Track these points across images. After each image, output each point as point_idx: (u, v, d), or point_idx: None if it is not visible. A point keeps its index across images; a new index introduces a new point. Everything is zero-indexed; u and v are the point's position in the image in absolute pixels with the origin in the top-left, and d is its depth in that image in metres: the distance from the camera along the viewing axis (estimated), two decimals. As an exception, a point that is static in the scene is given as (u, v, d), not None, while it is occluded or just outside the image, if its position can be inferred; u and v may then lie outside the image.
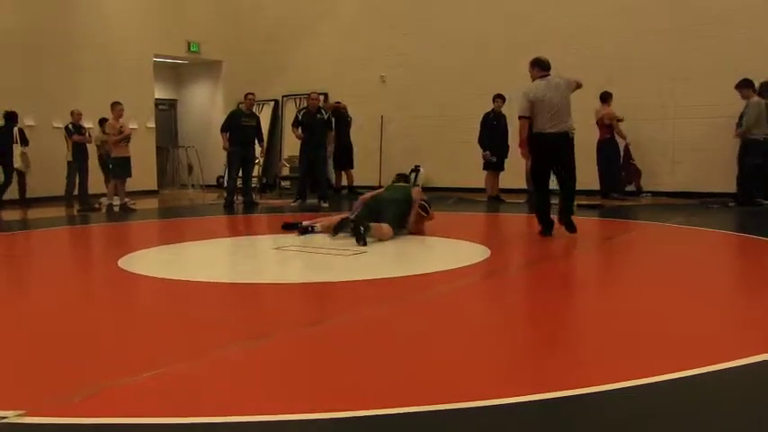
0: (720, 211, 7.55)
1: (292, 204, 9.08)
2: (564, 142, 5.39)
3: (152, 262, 4.54)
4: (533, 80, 5.49)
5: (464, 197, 9.99)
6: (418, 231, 5.77)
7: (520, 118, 5.43)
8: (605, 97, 9.21)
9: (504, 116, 9.52)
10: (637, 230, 5.99)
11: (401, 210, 5.71)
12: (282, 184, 12.67)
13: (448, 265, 4.18)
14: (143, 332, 2.70)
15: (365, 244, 5.08)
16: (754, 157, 8.16)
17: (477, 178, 10.11)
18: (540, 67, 5.49)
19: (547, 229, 5.46)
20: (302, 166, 9.29)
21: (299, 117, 9.06)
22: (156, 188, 12.28)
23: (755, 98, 8.26)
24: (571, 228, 5.43)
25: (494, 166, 9.49)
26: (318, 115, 9.10)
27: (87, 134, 9.39)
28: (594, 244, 5.25)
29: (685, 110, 9.25)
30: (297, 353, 2.36)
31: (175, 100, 14.40)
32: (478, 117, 9.66)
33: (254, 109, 9.81)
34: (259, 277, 3.94)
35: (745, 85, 8.33)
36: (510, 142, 9.44)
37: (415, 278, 3.76)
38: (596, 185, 9.22)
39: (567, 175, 5.51)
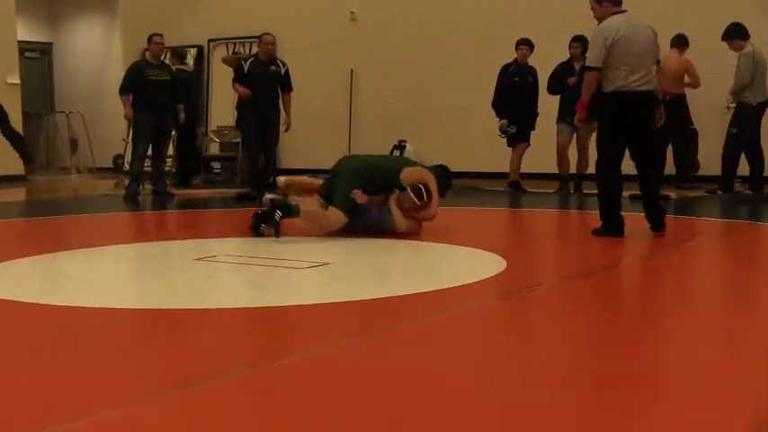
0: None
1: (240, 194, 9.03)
2: (651, 106, 5.44)
3: (18, 280, 4.48)
4: (601, 19, 5.45)
5: (470, 185, 10.07)
6: (407, 229, 5.77)
7: (587, 69, 5.46)
8: (680, 43, 9.19)
9: (532, 70, 9.57)
10: (716, 232, 6.09)
11: (375, 182, 5.72)
12: (211, 165, 12.61)
13: (446, 282, 4.20)
14: (6, 383, 2.68)
15: (277, 235, 5.31)
16: (743, 127, 8.42)
17: (488, 158, 10.21)
18: (611, 0, 5.44)
19: (618, 227, 5.49)
20: (249, 138, 9.23)
21: (245, 67, 9.01)
22: (24, 173, 12.14)
23: (749, 48, 8.45)
24: (661, 225, 5.54)
25: (517, 138, 9.54)
26: (273, 67, 9.04)
27: None
28: (655, 251, 5.32)
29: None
30: (235, 406, 2.36)
31: (50, 44, 14.23)
32: (489, 70, 9.73)
33: (167, 59, 9.75)
34: (177, 301, 3.93)
35: (733, 34, 8.49)
36: (540, 107, 9.52)
37: (400, 301, 3.77)
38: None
39: (650, 156, 5.54)
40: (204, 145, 12.26)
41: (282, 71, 9.08)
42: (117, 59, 13.04)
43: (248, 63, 9.00)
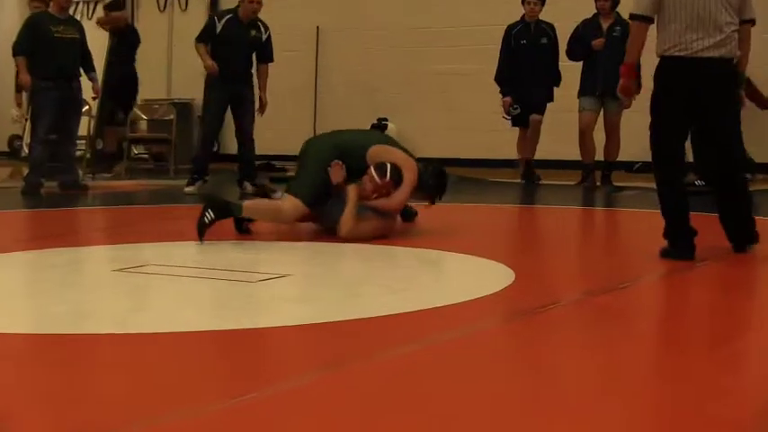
0: None
1: (188, 190, 9.01)
2: (721, 79, 4.92)
3: None
4: None
5: (468, 175, 10.07)
6: (352, 233, 5.68)
7: (634, 18, 5.04)
8: None
9: (545, 28, 9.58)
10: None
11: (351, 162, 5.73)
12: (135, 152, 12.55)
13: (434, 300, 4.19)
14: None
15: (246, 231, 5.64)
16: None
17: (494, 142, 10.21)
18: None
19: (684, 245, 5.02)
20: (208, 116, 9.27)
21: (218, 27, 8.99)
22: None
23: None
24: (747, 241, 5.16)
25: (521, 120, 9.58)
26: (254, 31, 9.09)
27: None
28: (705, 259, 5.34)
29: None
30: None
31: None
32: (496, 28, 9.74)
33: (76, 13, 9.66)
34: (89, 324, 3.90)
35: None
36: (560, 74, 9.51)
37: (374, 324, 3.76)
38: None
39: (725, 149, 5.04)
40: (128, 123, 12.19)
41: (264, 37, 9.17)
42: (11, 11, 12.96)
43: (223, 21, 8.99)
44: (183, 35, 11.32)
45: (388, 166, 5.66)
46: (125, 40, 11.39)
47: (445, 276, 5.03)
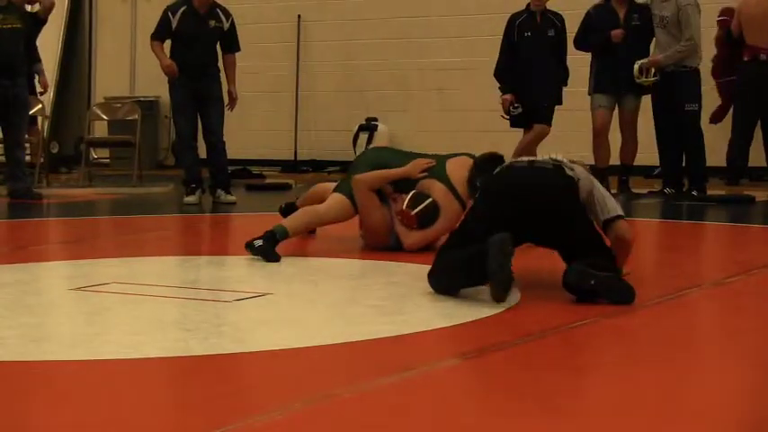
0: None
1: (188, 200, 9.03)
2: (552, 195, 4.67)
3: None
4: None
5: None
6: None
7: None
8: None
9: (553, 18, 9.63)
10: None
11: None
12: (94, 155, 12.54)
13: (428, 323, 4.23)
14: None
15: (275, 259, 5.57)
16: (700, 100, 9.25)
17: (489, 145, 10.21)
18: None
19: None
20: (180, 119, 9.37)
21: (173, 22, 9.08)
22: None
23: None
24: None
25: (521, 120, 9.59)
26: (213, 21, 9.18)
27: None
28: (730, 277, 5.37)
29: None
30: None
31: None
32: (492, 21, 9.78)
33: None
34: (43, 350, 3.89)
35: None
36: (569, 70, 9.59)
37: (362, 348, 3.79)
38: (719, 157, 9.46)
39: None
40: (86, 124, 12.19)
41: (226, 26, 9.25)
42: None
43: (178, 15, 9.07)
44: (148, 27, 11.32)
45: (427, 202, 5.81)
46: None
47: (442, 295, 5.03)
